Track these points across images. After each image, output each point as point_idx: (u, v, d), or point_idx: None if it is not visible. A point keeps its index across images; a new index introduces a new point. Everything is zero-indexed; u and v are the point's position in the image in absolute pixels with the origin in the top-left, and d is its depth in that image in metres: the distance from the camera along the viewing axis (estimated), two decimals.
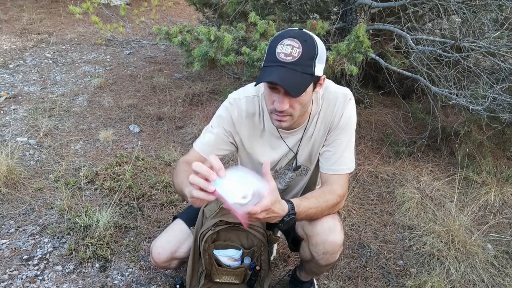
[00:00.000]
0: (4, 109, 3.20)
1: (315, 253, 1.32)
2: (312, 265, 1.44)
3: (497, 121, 2.72)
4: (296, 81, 1.11)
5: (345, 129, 1.31)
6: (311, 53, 1.12)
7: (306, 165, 1.46)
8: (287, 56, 1.10)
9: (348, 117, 1.31)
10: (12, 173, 2.29)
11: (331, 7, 3.50)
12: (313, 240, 1.31)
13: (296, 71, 1.11)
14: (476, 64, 2.89)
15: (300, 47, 1.11)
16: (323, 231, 1.28)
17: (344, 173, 1.32)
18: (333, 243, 1.29)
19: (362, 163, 2.79)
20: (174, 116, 3.24)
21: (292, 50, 1.10)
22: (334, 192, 1.29)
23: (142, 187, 2.34)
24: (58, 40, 4.95)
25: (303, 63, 1.11)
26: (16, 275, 1.74)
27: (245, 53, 2.48)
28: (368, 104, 3.53)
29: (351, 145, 1.33)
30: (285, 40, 1.12)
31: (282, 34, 1.15)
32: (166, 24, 4.85)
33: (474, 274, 1.93)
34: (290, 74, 1.10)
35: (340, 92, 1.32)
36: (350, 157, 1.33)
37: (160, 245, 1.48)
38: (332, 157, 1.32)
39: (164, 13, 6.28)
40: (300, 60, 1.11)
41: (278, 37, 1.14)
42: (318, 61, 1.14)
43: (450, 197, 2.47)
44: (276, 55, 1.12)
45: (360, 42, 2.34)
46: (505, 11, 2.55)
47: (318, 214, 1.27)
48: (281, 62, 1.11)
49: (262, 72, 1.15)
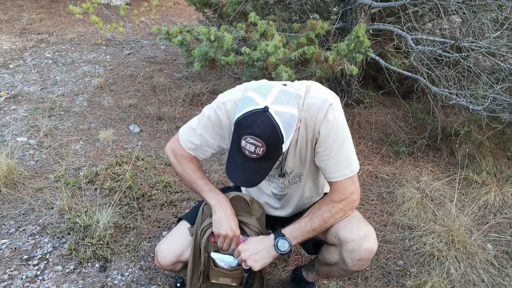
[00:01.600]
0: (4, 109, 3.20)
1: (349, 259, 1.31)
2: (336, 268, 1.42)
3: (497, 121, 2.72)
4: (261, 173, 1.19)
5: (330, 135, 1.26)
6: (276, 144, 1.12)
7: (297, 172, 1.42)
8: (252, 154, 1.12)
9: (331, 123, 1.25)
10: (12, 173, 2.29)
11: (331, 7, 3.50)
12: (349, 246, 1.30)
13: (261, 163, 1.15)
14: (476, 64, 2.89)
15: (264, 146, 1.10)
16: (359, 237, 1.28)
17: (345, 178, 1.30)
18: (369, 250, 1.29)
19: (362, 163, 2.79)
20: (174, 116, 3.25)
21: (256, 149, 1.10)
22: (333, 199, 1.32)
23: (142, 187, 2.34)
24: (58, 40, 4.95)
25: (268, 158, 1.14)
26: (16, 275, 1.74)
27: (245, 53, 2.48)
28: (368, 104, 3.53)
29: (345, 148, 1.29)
30: (248, 138, 1.09)
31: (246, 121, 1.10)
32: (166, 24, 4.85)
33: (474, 274, 1.93)
34: (255, 169, 1.16)
35: (320, 97, 1.25)
36: (348, 160, 1.30)
37: (166, 248, 1.48)
38: (327, 167, 1.31)
39: (164, 13, 6.29)
40: (265, 156, 1.12)
41: (242, 126, 1.10)
42: (285, 142, 1.13)
43: (450, 197, 2.47)
44: (242, 149, 1.13)
45: (360, 42, 2.34)
46: (505, 11, 2.55)
47: (322, 223, 1.32)
48: (246, 157, 1.14)
49: (229, 162, 1.21)
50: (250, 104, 1.11)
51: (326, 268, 1.49)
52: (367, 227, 1.31)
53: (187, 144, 1.45)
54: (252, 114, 1.09)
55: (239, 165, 1.17)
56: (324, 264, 1.48)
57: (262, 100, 1.11)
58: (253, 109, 1.10)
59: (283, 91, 1.15)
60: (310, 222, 1.33)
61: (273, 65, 2.43)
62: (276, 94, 1.13)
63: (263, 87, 1.16)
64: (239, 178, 1.19)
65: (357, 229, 1.30)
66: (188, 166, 1.47)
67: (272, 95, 1.12)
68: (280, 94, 1.13)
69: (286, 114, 1.11)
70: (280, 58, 2.41)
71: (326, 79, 3.09)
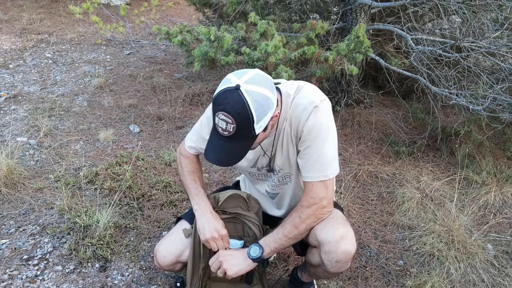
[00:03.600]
0: (4, 109, 3.20)
1: (327, 261, 1.30)
2: (319, 270, 1.42)
3: (497, 121, 2.72)
4: (234, 153, 1.20)
5: (311, 136, 1.26)
6: (246, 123, 1.13)
7: (286, 171, 1.43)
8: (224, 131, 1.15)
9: (314, 124, 1.24)
10: (12, 173, 2.29)
11: (331, 7, 3.50)
12: (325, 248, 1.29)
13: (234, 143, 1.17)
14: (476, 64, 2.89)
15: (234, 123, 1.12)
16: (335, 239, 1.27)
17: (318, 180, 1.28)
18: (346, 252, 1.27)
19: (362, 163, 2.79)
20: (174, 116, 3.25)
21: (227, 126, 1.13)
22: (302, 204, 1.31)
23: (142, 187, 2.34)
24: (58, 40, 4.95)
25: (240, 135, 1.15)
26: (16, 275, 1.74)
27: (245, 53, 2.48)
28: (368, 104, 3.53)
29: (325, 151, 1.27)
30: (219, 114, 1.13)
31: (219, 99, 1.14)
32: (166, 24, 4.85)
33: (474, 274, 1.93)
34: (228, 148, 1.18)
35: (308, 99, 1.26)
36: (326, 163, 1.27)
37: (165, 248, 1.48)
38: (305, 165, 1.30)
39: (164, 13, 6.29)
40: (236, 133, 1.14)
41: (216, 103, 1.14)
42: (257, 123, 1.14)
43: (450, 197, 2.47)
44: (216, 126, 1.17)
45: (360, 42, 2.35)
46: (505, 11, 2.55)
47: (294, 230, 1.32)
48: (219, 135, 1.17)
49: (207, 142, 1.24)
50: (225, 83, 1.15)
51: (313, 269, 1.50)
52: (344, 228, 1.29)
53: (188, 142, 1.52)
54: (225, 91, 1.13)
55: (214, 143, 1.20)
56: (311, 265, 1.49)
57: (236, 79, 1.14)
58: (226, 87, 1.14)
59: (259, 75, 1.18)
60: (282, 228, 1.33)
61: (273, 65, 2.44)
62: (251, 76, 1.16)
63: (242, 70, 1.20)
64: (213, 157, 1.20)
65: (333, 231, 1.28)
66: (186, 168, 1.53)
67: (247, 76, 1.15)
68: (255, 76, 1.16)
69: (257, 94, 1.13)
70: (280, 58, 2.41)
71: (326, 79, 3.10)
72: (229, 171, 2.64)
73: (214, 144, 1.20)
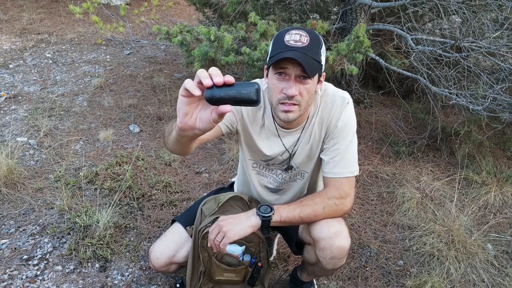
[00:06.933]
0: (4, 109, 3.20)
1: (322, 258, 1.31)
2: (316, 268, 1.43)
3: (497, 121, 2.72)
4: (309, 63, 1.13)
5: (343, 133, 1.29)
6: (317, 43, 1.18)
7: (302, 169, 1.43)
8: (297, 42, 1.15)
9: (346, 121, 1.29)
10: (12, 173, 2.29)
11: (331, 7, 3.50)
12: (320, 244, 1.29)
13: (307, 55, 1.14)
14: (476, 64, 2.89)
15: (308, 36, 1.16)
16: (329, 235, 1.27)
17: (344, 176, 1.29)
18: (340, 248, 1.28)
19: (362, 163, 2.79)
20: (174, 116, 3.23)
21: (301, 37, 1.15)
22: (329, 195, 1.28)
23: (142, 187, 2.34)
24: (58, 40, 4.95)
25: (312, 50, 1.15)
26: (16, 275, 1.74)
27: (245, 53, 2.48)
28: (368, 104, 3.53)
29: (352, 148, 1.30)
30: (292, 30, 1.17)
31: (286, 29, 1.19)
32: (166, 24, 4.85)
33: (474, 274, 1.93)
34: (303, 56, 1.12)
35: (338, 95, 1.31)
36: (351, 160, 1.30)
37: (158, 249, 1.48)
38: (331, 161, 1.31)
39: (164, 13, 6.28)
40: (309, 46, 1.15)
41: (284, 31, 1.18)
42: (322, 52, 1.19)
43: (450, 197, 2.47)
44: (286, 43, 1.15)
45: (360, 42, 2.34)
46: (505, 11, 2.55)
47: (311, 216, 1.26)
48: (291, 47, 1.14)
49: (272, 58, 1.16)
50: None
51: (311, 268, 1.50)
52: (338, 225, 1.29)
53: None
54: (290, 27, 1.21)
55: (287, 53, 1.12)
56: (308, 264, 1.49)
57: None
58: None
59: None
60: (300, 209, 1.27)
61: None
62: None
63: None
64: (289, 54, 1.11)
65: (327, 227, 1.28)
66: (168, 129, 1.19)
67: None
68: None
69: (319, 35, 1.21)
70: None
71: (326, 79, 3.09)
72: (229, 171, 2.64)
73: (283, 53, 1.13)
